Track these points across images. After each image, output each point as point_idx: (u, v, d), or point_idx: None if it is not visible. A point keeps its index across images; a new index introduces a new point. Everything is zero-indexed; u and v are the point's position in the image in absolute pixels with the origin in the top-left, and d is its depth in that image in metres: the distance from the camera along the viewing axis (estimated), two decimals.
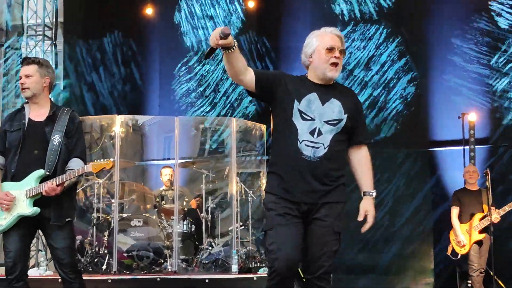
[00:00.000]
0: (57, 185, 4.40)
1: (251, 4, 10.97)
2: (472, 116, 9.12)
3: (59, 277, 4.63)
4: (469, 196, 7.99)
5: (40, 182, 4.47)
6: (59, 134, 4.55)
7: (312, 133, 3.69)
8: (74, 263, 4.68)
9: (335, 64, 3.75)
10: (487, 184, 7.57)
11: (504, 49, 9.82)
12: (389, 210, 9.93)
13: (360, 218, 3.79)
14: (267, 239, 3.71)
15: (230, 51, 3.56)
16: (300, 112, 3.71)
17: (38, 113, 4.64)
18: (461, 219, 8.01)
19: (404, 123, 10.10)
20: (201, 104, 11.29)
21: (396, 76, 10.24)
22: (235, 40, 3.56)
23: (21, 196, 4.48)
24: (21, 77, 4.65)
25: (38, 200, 4.49)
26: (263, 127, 9.34)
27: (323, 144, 3.69)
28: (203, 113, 11.17)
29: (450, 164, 9.82)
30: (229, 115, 10.91)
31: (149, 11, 11.35)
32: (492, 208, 7.76)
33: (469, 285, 8.04)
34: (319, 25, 3.94)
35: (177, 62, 11.47)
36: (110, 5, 11.43)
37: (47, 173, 4.47)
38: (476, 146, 9.16)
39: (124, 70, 11.69)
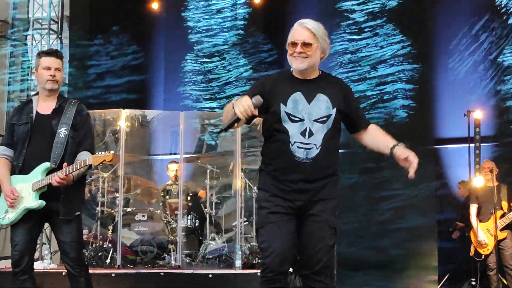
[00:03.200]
0: (64, 177, 4.38)
1: (257, 0, 10.95)
2: (478, 114, 9.09)
3: (65, 270, 4.64)
4: (487, 192, 7.83)
5: (47, 175, 4.47)
6: (65, 127, 4.55)
7: (303, 134, 3.68)
8: (81, 257, 4.70)
9: (299, 56, 3.69)
10: (493, 182, 7.55)
11: (509, 47, 9.78)
12: (393, 207, 9.93)
13: (407, 165, 3.72)
14: (259, 237, 3.75)
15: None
16: (288, 114, 3.68)
17: (45, 106, 4.65)
18: (480, 217, 7.87)
19: (409, 120, 10.08)
20: (207, 99, 11.29)
21: (401, 74, 10.22)
22: None
23: (28, 189, 4.49)
24: (49, 68, 4.61)
25: (46, 193, 4.49)
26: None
27: (315, 144, 3.68)
28: (208, 108, 11.17)
29: (455, 162, 9.81)
30: None
31: (155, 5, 11.34)
32: None
33: (473, 283, 7.98)
34: (325, 22, 3.93)
35: (182, 56, 11.47)
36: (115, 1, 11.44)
37: (53, 165, 4.48)
38: (481, 144, 9.13)
39: (129, 64, 11.69)
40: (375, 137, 3.89)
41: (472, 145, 9.12)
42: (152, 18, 11.56)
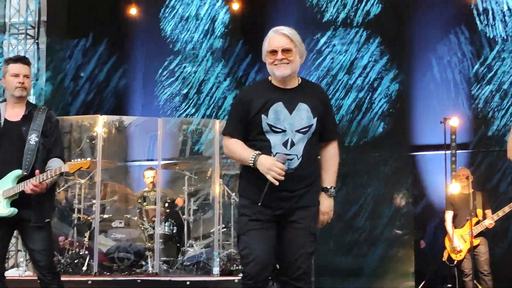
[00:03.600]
0: (38, 184, 4.34)
1: (236, 7, 10.97)
2: (454, 121, 9.17)
3: (37, 278, 4.59)
4: (463, 199, 7.87)
5: (18, 183, 4.42)
6: (35, 134, 4.50)
7: (285, 145, 3.67)
8: (53, 265, 4.64)
9: (281, 63, 3.69)
10: (469, 189, 7.62)
11: (488, 57, 9.90)
12: (370, 213, 10.00)
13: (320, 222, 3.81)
14: (240, 244, 3.75)
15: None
16: (270, 126, 3.68)
17: (13, 113, 4.57)
18: (456, 223, 7.92)
19: (386, 127, 10.16)
20: (185, 106, 11.28)
21: (378, 82, 10.30)
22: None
23: None
24: (17, 75, 4.55)
25: (17, 201, 4.44)
26: None
27: (297, 155, 3.69)
28: (187, 114, 11.16)
29: (431, 169, 9.88)
30: (213, 116, 10.92)
31: (133, 11, 11.29)
32: (488, 211, 7.78)
33: None
34: (303, 30, 3.94)
35: (161, 63, 11.45)
36: (93, 4, 11.38)
37: (24, 173, 4.43)
38: (457, 151, 9.22)
39: (107, 70, 11.63)
40: (322, 165, 3.91)
41: (448, 152, 9.19)
42: (131, 24, 11.51)
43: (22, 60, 4.67)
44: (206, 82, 11.25)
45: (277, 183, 3.53)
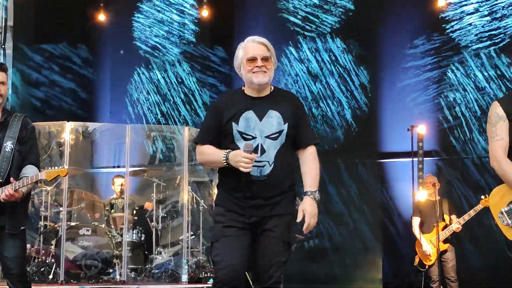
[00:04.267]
0: (14, 192, 4.28)
1: (205, 13, 10.97)
2: (421, 129, 9.26)
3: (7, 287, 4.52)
4: (430, 206, 7.91)
5: None
6: (11, 141, 4.44)
7: (255, 151, 3.68)
8: (24, 273, 4.58)
9: (260, 70, 3.73)
10: (435, 196, 7.71)
11: (455, 64, 10.04)
12: (339, 220, 10.05)
13: (298, 219, 3.73)
14: (213, 251, 3.74)
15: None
16: (241, 133, 3.71)
17: None
18: (423, 229, 7.99)
19: (355, 134, 10.24)
20: (154, 113, 11.23)
21: (348, 88, 10.38)
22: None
23: None
24: None
25: None
26: None
27: (268, 161, 3.70)
28: (155, 121, 11.12)
29: (399, 176, 9.96)
30: (182, 122, 10.90)
31: (102, 17, 11.22)
32: (453, 217, 7.86)
33: None
34: (272, 36, 3.97)
35: (130, 69, 11.39)
36: (62, 10, 11.27)
37: (0, 180, 4.37)
38: (424, 158, 9.32)
39: (75, 76, 11.54)
40: (302, 169, 3.90)
41: (415, 159, 9.28)
42: (99, 30, 11.45)
43: None
44: (176, 88, 11.21)
45: (248, 170, 3.55)
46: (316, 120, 10.32)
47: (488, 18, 9.91)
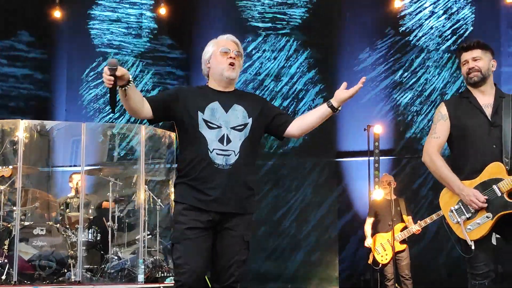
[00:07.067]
0: None
1: (163, 11, 10.91)
2: (377, 128, 9.37)
3: None
4: (386, 205, 8.00)
5: None
6: None
7: (221, 141, 3.70)
8: None
9: (231, 64, 3.82)
10: (391, 195, 7.80)
11: (409, 64, 10.18)
12: (295, 218, 10.11)
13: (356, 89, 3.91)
14: (174, 253, 3.69)
15: (128, 87, 3.54)
16: (206, 121, 3.72)
17: None
18: (379, 228, 8.05)
19: (312, 133, 10.22)
20: (110, 111, 11.13)
21: (305, 88, 10.44)
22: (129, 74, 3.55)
23: None
24: None
25: None
26: (173, 134, 9.28)
27: (234, 151, 3.71)
28: (111, 119, 11.01)
29: (355, 175, 10.07)
30: (138, 121, 10.79)
31: (57, 13, 11.07)
32: (409, 217, 7.96)
33: None
34: (232, 33, 3.99)
35: (85, 67, 11.26)
36: (17, 5, 11.08)
37: None
38: (380, 158, 9.43)
39: (30, 73, 11.36)
40: (305, 116, 3.96)
41: (371, 158, 9.38)
42: (55, 26, 11.29)
43: None
44: None
45: (109, 85, 3.46)
46: None
47: (442, 19, 10.08)
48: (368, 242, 8.01)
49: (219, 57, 3.83)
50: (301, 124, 3.92)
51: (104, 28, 11.34)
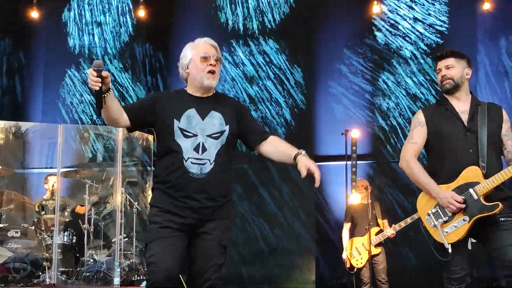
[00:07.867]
0: None
1: (142, 14, 10.86)
2: (355, 133, 9.38)
3: None
4: (362, 209, 8.00)
5: None
6: None
7: (196, 149, 3.67)
8: None
9: (211, 72, 3.76)
10: (367, 199, 7.83)
11: (387, 70, 10.25)
12: (273, 222, 10.10)
13: (303, 175, 3.64)
14: (148, 251, 3.66)
15: (107, 94, 3.53)
16: (181, 130, 3.69)
17: None
18: (355, 232, 8.07)
19: (290, 137, 10.30)
20: (87, 112, 11.05)
21: (283, 91, 10.45)
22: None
23: None
24: None
25: None
26: (150, 137, 9.26)
27: (209, 160, 3.68)
28: (89, 121, 10.94)
29: (333, 179, 10.08)
30: None
31: (34, 14, 10.97)
32: (384, 221, 7.99)
33: None
34: (210, 37, 3.96)
35: (62, 68, 11.17)
36: None
37: None
38: (358, 162, 9.45)
39: (6, 74, 11.25)
40: (277, 147, 3.88)
41: (349, 162, 9.40)
42: (31, 28, 11.19)
43: None
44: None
45: (96, 88, 3.44)
46: None
47: (420, 25, 10.17)
48: (345, 255, 7.98)
49: (199, 64, 3.76)
50: (270, 151, 3.86)
51: (81, 29, 11.26)
